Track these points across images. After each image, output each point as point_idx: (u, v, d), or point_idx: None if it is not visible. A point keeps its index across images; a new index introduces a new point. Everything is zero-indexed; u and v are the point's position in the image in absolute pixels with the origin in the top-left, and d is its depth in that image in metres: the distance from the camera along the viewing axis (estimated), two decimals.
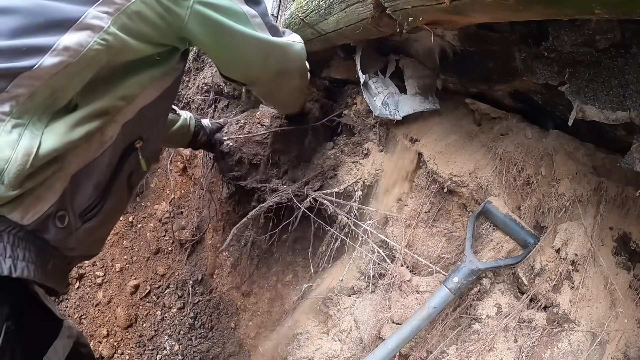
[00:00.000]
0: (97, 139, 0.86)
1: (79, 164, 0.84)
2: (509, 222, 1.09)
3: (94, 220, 0.89)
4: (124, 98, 0.90)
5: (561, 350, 0.93)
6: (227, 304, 2.05)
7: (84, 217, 0.87)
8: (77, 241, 0.87)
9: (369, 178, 1.49)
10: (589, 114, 0.88)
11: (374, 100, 1.43)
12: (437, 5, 0.74)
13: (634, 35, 0.78)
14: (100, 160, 0.88)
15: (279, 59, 1.17)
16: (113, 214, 0.98)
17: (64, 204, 0.83)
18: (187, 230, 2.23)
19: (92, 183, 0.87)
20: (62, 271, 0.92)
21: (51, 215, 0.80)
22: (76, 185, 0.84)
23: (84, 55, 0.77)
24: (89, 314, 2.01)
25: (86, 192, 0.86)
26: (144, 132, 0.99)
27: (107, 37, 0.80)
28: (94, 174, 0.87)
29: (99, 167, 0.88)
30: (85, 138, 0.83)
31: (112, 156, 0.91)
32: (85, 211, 0.87)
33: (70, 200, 0.84)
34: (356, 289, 1.40)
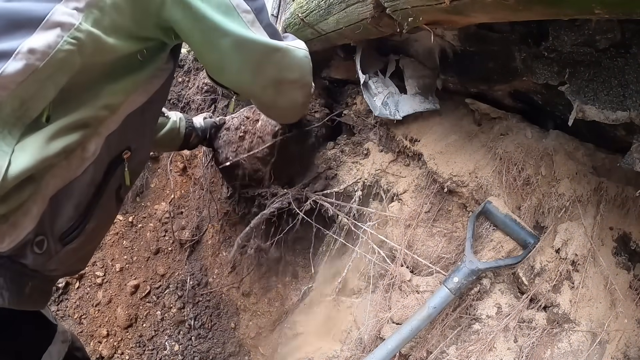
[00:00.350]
0: (78, 155, 0.77)
1: (57, 185, 0.75)
2: (509, 222, 1.08)
3: (75, 242, 0.81)
4: (107, 107, 0.80)
5: (561, 350, 0.93)
6: (227, 304, 2.05)
7: (65, 240, 0.79)
8: (58, 263, 0.81)
9: (369, 178, 1.49)
10: (589, 114, 0.88)
11: (374, 100, 1.43)
12: (437, 5, 0.74)
13: (634, 35, 0.78)
14: (82, 179, 0.79)
15: (275, 66, 1.01)
16: (97, 233, 0.89)
17: (43, 229, 0.75)
18: (187, 230, 2.23)
19: (72, 204, 0.79)
20: (43, 291, 0.85)
21: (29, 242, 0.73)
22: (55, 208, 0.76)
23: (53, 57, 0.68)
24: (89, 314, 2.01)
25: (66, 214, 0.78)
26: (131, 142, 0.89)
27: (78, 35, 0.70)
28: (75, 194, 0.78)
29: (80, 187, 0.79)
30: (64, 154, 0.74)
31: (95, 173, 0.82)
32: (65, 233, 0.79)
33: (50, 225, 0.76)
34: (356, 289, 1.40)
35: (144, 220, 2.26)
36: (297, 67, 1.06)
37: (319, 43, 1.46)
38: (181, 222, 2.23)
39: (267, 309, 1.86)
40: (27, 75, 0.66)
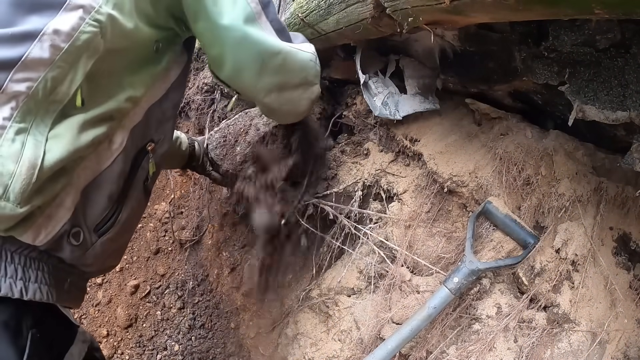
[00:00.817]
0: (106, 147, 0.79)
1: (88, 177, 0.77)
2: (509, 222, 1.09)
3: (110, 232, 0.83)
4: (130, 100, 0.82)
5: (561, 350, 0.93)
6: (227, 304, 2.05)
7: (99, 231, 0.82)
8: (94, 256, 0.82)
9: (369, 178, 1.49)
10: (589, 114, 0.88)
11: (374, 100, 1.43)
12: (437, 5, 0.74)
13: (634, 35, 0.78)
14: (111, 170, 0.81)
15: (277, 69, 0.97)
16: (130, 223, 0.91)
17: (78, 221, 0.77)
18: (187, 230, 2.23)
19: (104, 195, 0.80)
20: (79, 289, 0.87)
21: (65, 233, 0.75)
22: (88, 200, 0.78)
23: (76, 39, 0.68)
24: (89, 314, 2.01)
25: (99, 206, 0.80)
26: (154, 134, 0.92)
27: (99, 18, 0.70)
28: (106, 186, 0.80)
29: (111, 178, 0.81)
30: (93, 146, 0.76)
31: (124, 164, 0.84)
32: (99, 225, 0.81)
33: (83, 216, 0.78)
34: (356, 289, 1.40)
35: (144, 220, 2.26)
36: (301, 71, 1.03)
37: (319, 43, 1.46)
38: (181, 222, 2.23)
39: (267, 309, 1.86)
40: (55, 57, 0.66)
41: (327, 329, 1.40)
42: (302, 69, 1.03)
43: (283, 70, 0.98)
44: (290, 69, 0.99)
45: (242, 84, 1.02)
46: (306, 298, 1.52)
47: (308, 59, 1.04)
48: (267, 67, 0.95)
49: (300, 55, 1.01)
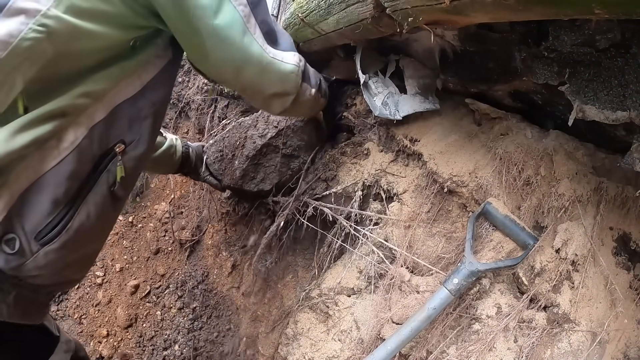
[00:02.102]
0: (53, 145, 0.72)
1: (29, 178, 0.70)
2: (509, 223, 1.09)
3: (56, 241, 0.74)
4: (88, 95, 0.75)
5: (561, 350, 0.93)
6: (227, 304, 2.05)
7: (42, 240, 0.73)
8: (37, 267, 0.74)
9: (369, 178, 1.49)
10: (589, 114, 0.88)
11: (374, 100, 1.43)
12: (437, 5, 0.74)
13: (634, 35, 0.78)
14: (57, 171, 0.73)
15: (254, 76, 0.95)
16: (88, 233, 0.82)
17: (12, 226, 0.70)
18: (187, 230, 2.23)
19: (47, 199, 0.73)
20: (34, 303, 0.80)
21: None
22: (27, 203, 0.71)
23: (16, 46, 0.63)
24: (89, 314, 2.01)
25: (41, 210, 0.72)
26: (125, 134, 0.84)
27: (46, 22, 0.65)
28: (50, 188, 0.73)
29: (57, 180, 0.73)
30: (34, 146, 0.69)
31: (78, 165, 0.76)
32: (42, 232, 0.73)
33: (20, 221, 0.71)
34: (356, 289, 1.40)
35: (144, 220, 2.27)
36: (279, 82, 1.01)
37: (319, 43, 1.46)
38: (181, 222, 2.23)
39: (267, 309, 1.86)
40: None
41: (327, 329, 1.40)
42: (280, 80, 1.01)
43: (259, 80, 0.98)
44: (267, 79, 0.99)
45: (223, 80, 1.03)
46: (306, 298, 1.52)
47: (289, 71, 1.01)
48: (245, 71, 0.94)
49: (282, 67, 0.99)
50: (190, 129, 2.40)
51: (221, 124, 2.19)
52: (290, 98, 1.08)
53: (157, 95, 0.91)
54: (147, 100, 0.87)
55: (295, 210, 1.62)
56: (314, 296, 1.48)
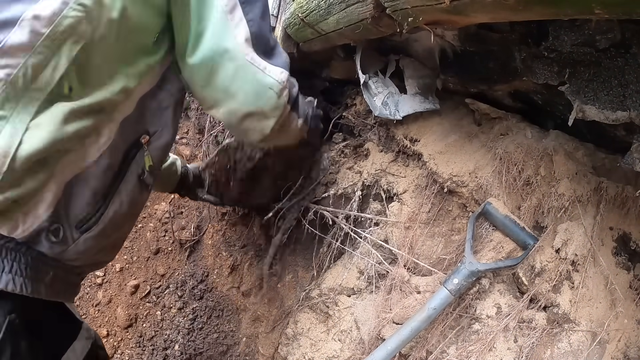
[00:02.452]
0: (93, 141, 0.75)
1: (72, 171, 0.73)
2: (509, 223, 1.08)
3: (94, 229, 0.79)
4: (123, 91, 0.77)
5: (561, 350, 0.93)
6: (227, 304, 2.05)
7: (82, 228, 0.77)
8: (77, 252, 0.79)
9: (369, 178, 1.49)
10: (589, 114, 0.88)
11: (374, 100, 1.43)
12: (437, 5, 0.74)
13: (634, 35, 0.78)
14: (97, 165, 0.77)
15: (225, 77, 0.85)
16: (121, 219, 0.86)
17: (58, 217, 0.73)
18: (187, 230, 2.23)
19: (89, 191, 0.76)
20: (67, 282, 0.84)
21: (43, 229, 0.72)
22: (71, 195, 0.74)
23: (59, 24, 0.65)
24: (89, 314, 2.01)
25: (82, 201, 0.76)
26: (149, 125, 0.86)
27: (84, 2, 0.66)
28: (91, 181, 0.76)
29: (96, 173, 0.77)
30: (77, 139, 0.72)
31: (112, 158, 0.79)
32: (82, 221, 0.77)
33: (65, 212, 0.74)
34: (356, 289, 1.40)
35: (144, 220, 2.26)
36: (253, 95, 0.87)
37: (319, 43, 1.46)
38: (181, 222, 2.23)
39: (267, 309, 1.86)
40: (35, 43, 0.64)
41: (327, 329, 1.40)
42: (254, 93, 0.87)
43: (231, 86, 0.85)
44: (240, 87, 0.86)
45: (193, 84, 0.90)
46: (306, 298, 1.52)
47: (267, 86, 0.87)
48: (216, 74, 0.84)
49: (258, 76, 0.85)
50: (190, 129, 2.39)
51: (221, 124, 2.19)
52: (269, 123, 0.93)
53: (174, 87, 0.91)
54: (166, 92, 0.88)
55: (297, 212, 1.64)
56: (314, 296, 1.48)
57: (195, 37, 0.81)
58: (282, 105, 0.92)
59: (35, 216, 0.70)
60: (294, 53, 1.67)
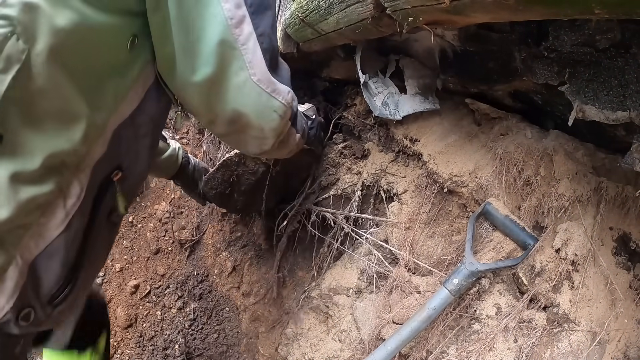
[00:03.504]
0: (59, 205, 0.60)
1: (38, 247, 0.60)
2: (509, 223, 1.09)
3: (68, 300, 0.68)
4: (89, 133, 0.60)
5: (561, 350, 0.93)
6: (227, 304, 2.05)
7: (55, 302, 0.66)
8: (52, 323, 0.69)
9: (369, 178, 1.49)
10: (589, 114, 0.88)
11: (374, 100, 1.43)
12: (437, 5, 0.73)
13: (634, 35, 0.78)
14: (67, 234, 0.63)
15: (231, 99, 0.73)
16: (92, 273, 0.77)
17: (27, 300, 0.61)
18: (187, 230, 2.23)
19: (58, 264, 0.63)
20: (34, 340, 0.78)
21: (11, 319, 0.60)
22: (37, 275, 0.61)
23: None
24: None
25: (52, 277, 0.64)
26: (122, 158, 0.70)
27: (7, 13, 0.49)
28: (61, 252, 0.63)
29: (66, 241, 0.63)
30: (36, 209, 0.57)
31: (82, 216, 0.65)
32: (54, 296, 0.66)
33: (34, 293, 0.62)
34: (356, 289, 1.40)
35: (144, 220, 2.27)
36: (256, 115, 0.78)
37: (319, 43, 1.46)
38: (181, 222, 2.23)
39: (267, 309, 1.86)
40: None
41: (327, 329, 1.40)
42: (258, 114, 0.77)
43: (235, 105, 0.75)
44: (243, 106, 0.75)
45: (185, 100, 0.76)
46: (306, 298, 1.52)
47: (272, 108, 0.79)
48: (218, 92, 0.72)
49: (263, 98, 0.76)
50: (190, 129, 2.39)
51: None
52: (269, 142, 0.85)
53: (155, 108, 0.76)
54: (145, 115, 0.72)
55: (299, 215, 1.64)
56: (314, 296, 1.48)
57: (192, 52, 0.67)
58: (284, 125, 0.85)
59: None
60: (294, 53, 1.67)
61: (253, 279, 1.97)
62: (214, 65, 0.68)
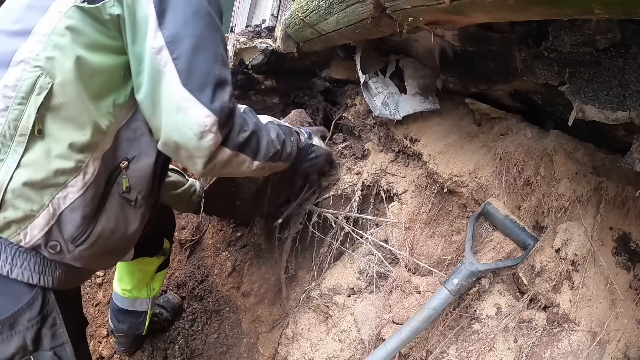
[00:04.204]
0: (79, 178, 0.89)
1: (65, 203, 0.88)
2: (509, 223, 1.09)
3: (86, 242, 0.93)
4: (100, 131, 0.90)
5: (561, 350, 0.93)
6: (227, 304, 2.04)
7: (76, 243, 0.92)
8: (74, 259, 0.94)
9: (369, 178, 1.49)
10: (589, 114, 0.88)
11: (374, 100, 1.43)
12: (437, 5, 0.74)
13: (634, 35, 0.78)
14: (85, 196, 0.90)
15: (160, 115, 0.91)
16: (110, 232, 0.99)
17: (54, 236, 0.89)
18: (187, 230, 2.23)
19: (79, 217, 0.90)
20: (77, 276, 1.01)
21: (42, 244, 0.88)
22: (64, 221, 0.89)
23: (21, 85, 0.82)
24: (89, 314, 2.01)
25: (74, 225, 0.90)
26: (127, 152, 0.97)
27: (38, 64, 0.82)
28: (80, 209, 0.90)
29: (84, 202, 0.90)
30: (63, 176, 0.86)
31: (97, 187, 0.93)
32: (75, 238, 0.92)
33: (60, 233, 0.89)
34: (356, 289, 1.40)
35: None
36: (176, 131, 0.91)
37: (319, 43, 1.46)
38: (181, 222, 2.23)
39: (267, 309, 1.86)
40: (8, 104, 0.82)
41: (327, 329, 1.40)
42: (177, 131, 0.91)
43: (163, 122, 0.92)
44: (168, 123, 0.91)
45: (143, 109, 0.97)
46: (306, 298, 1.52)
47: (187, 125, 0.90)
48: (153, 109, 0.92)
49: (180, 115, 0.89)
50: None
51: None
52: (198, 161, 0.96)
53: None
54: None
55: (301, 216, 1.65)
56: (314, 296, 1.48)
57: (136, 75, 0.91)
58: (206, 147, 0.92)
59: (32, 235, 0.86)
60: (294, 53, 1.67)
61: (253, 279, 1.97)
62: (147, 86, 0.90)
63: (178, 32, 0.87)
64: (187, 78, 0.88)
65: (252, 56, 1.81)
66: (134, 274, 1.64)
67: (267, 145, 1.11)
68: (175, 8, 0.87)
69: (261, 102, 2.08)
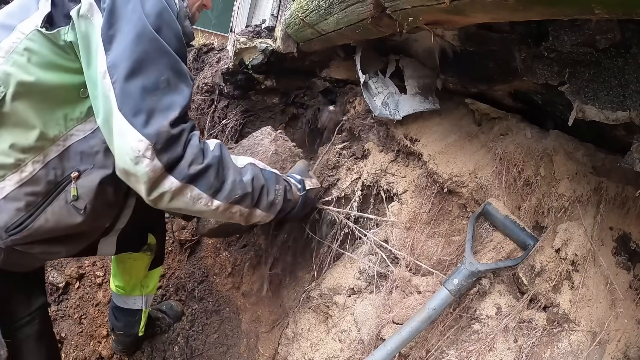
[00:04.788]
0: (17, 174, 0.97)
1: (2, 194, 0.97)
2: (509, 223, 1.08)
3: (19, 234, 1.00)
4: (44, 138, 0.97)
5: (561, 350, 0.93)
6: (227, 304, 2.04)
7: (9, 232, 0.99)
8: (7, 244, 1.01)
9: (369, 178, 1.49)
10: (589, 114, 0.88)
11: (374, 100, 1.43)
12: (437, 5, 0.73)
13: (634, 35, 0.78)
14: (19, 191, 0.98)
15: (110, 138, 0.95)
16: (47, 232, 1.04)
17: None
18: (187, 230, 2.23)
19: (13, 208, 0.98)
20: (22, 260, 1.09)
21: None
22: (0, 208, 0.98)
23: None
24: (89, 314, 2.01)
25: (8, 214, 0.98)
26: (79, 164, 1.03)
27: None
28: (14, 201, 0.98)
29: (19, 195, 0.98)
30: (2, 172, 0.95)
31: (35, 187, 0.99)
32: (9, 228, 0.99)
33: None
34: (356, 289, 1.40)
35: None
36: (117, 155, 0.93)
37: (319, 43, 1.46)
38: (181, 222, 2.23)
39: (267, 309, 1.86)
40: None
41: (327, 329, 1.40)
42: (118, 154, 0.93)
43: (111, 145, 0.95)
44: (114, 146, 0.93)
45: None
46: (306, 298, 1.52)
47: (123, 149, 0.90)
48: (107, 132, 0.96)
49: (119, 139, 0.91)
50: None
51: (221, 124, 2.19)
52: (140, 187, 0.94)
53: None
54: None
55: None
56: (314, 296, 1.48)
57: (94, 99, 0.96)
58: (143, 173, 0.90)
59: None
60: (294, 53, 1.67)
61: (253, 279, 1.97)
62: (102, 111, 0.93)
63: (118, 56, 0.89)
64: (122, 102, 0.88)
65: (252, 56, 1.81)
66: (125, 269, 1.67)
67: (233, 186, 1.03)
68: (120, 33, 0.90)
69: (261, 102, 2.08)
